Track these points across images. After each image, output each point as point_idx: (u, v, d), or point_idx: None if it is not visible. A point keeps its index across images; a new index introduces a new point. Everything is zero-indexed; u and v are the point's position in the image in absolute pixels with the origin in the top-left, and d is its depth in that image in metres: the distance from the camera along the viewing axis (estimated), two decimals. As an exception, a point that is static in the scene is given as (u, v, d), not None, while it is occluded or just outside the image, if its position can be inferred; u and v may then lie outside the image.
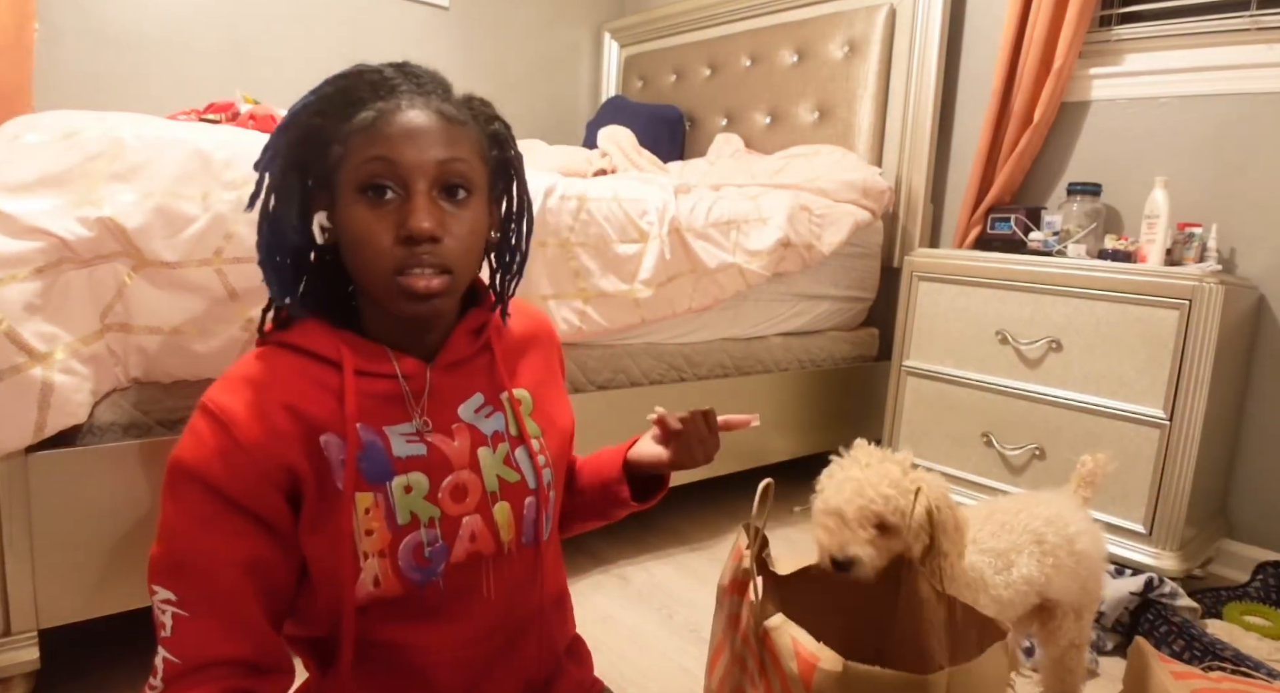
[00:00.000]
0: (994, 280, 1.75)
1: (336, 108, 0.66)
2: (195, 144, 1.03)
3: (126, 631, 1.23)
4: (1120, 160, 1.95)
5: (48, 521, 0.97)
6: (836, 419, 2.18)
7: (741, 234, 1.79)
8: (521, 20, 2.98)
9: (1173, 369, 1.50)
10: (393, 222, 0.64)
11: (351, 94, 0.66)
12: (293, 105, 0.67)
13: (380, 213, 0.64)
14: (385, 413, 0.69)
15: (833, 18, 2.40)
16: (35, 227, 0.89)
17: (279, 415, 0.64)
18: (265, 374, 0.66)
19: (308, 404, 0.66)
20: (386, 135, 0.64)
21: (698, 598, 1.46)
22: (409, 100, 0.65)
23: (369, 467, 0.66)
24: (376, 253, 0.64)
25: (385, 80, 0.66)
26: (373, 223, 0.64)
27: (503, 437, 0.75)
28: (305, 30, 2.47)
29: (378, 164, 0.64)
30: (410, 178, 0.64)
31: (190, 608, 0.62)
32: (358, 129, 0.64)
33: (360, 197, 0.64)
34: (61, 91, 2.05)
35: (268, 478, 0.63)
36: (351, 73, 0.67)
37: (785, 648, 0.66)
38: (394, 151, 0.63)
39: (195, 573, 0.62)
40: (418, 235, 0.63)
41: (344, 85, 0.66)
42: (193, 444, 0.63)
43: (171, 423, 1.07)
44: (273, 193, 0.68)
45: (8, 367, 0.88)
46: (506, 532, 0.73)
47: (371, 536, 0.66)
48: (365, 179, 0.64)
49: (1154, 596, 1.38)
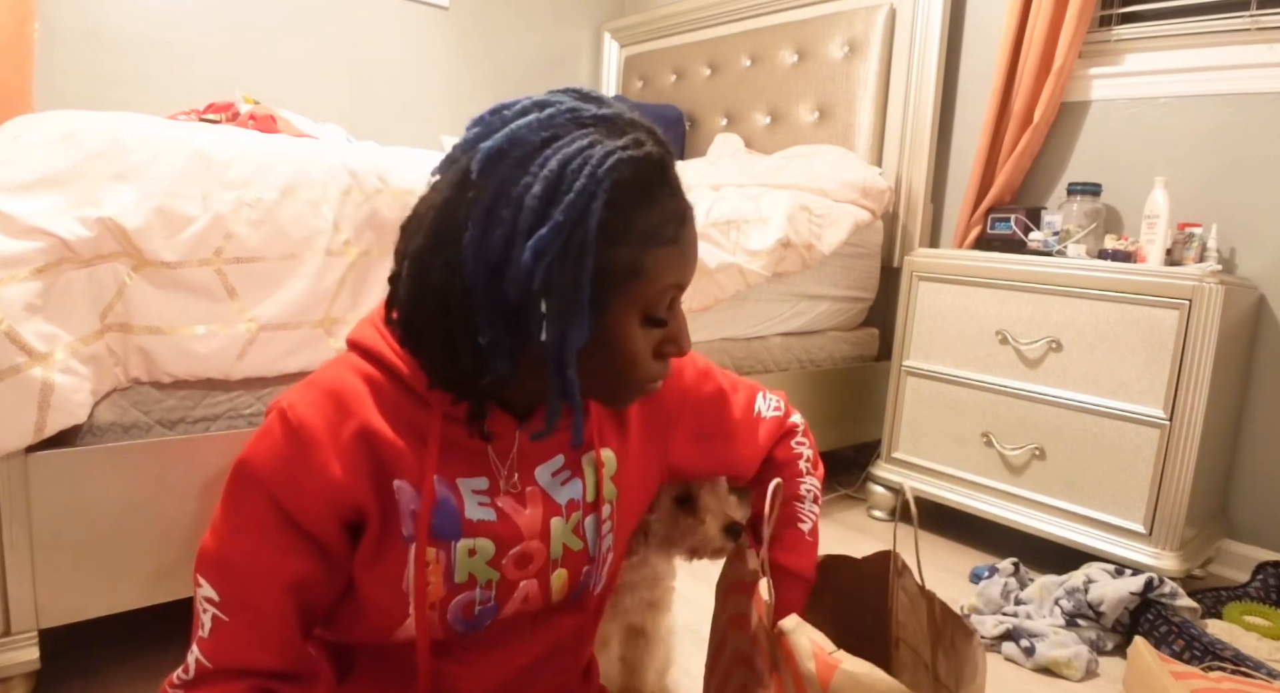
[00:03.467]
0: (994, 280, 1.75)
1: (632, 200, 0.57)
2: (195, 144, 1.03)
3: (126, 631, 1.23)
4: (1120, 160, 1.95)
5: (48, 521, 0.97)
6: (836, 419, 2.18)
7: (741, 234, 1.78)
8: (521, 20, 2.98)
9: (1173, 369, 1.50)
10: (657, 338, 0.63)
11: (645, 185, 0.58)
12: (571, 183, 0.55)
13: (650, 333, 0.63)
14: (463, 465, 0.66)
15: (833, 18, 2.40)
16: (35, 227, 0.89)
17: (358, 448, 0.62)
18: (354, 395, 0.62)
19: (389, 442, 0.62)
20: (686, 259, 0.62)
21: (698, 598, 1.46)
22: (685, 205, 0.62)
23: (439, 523, 0.64)
24: (637, 366, 0.62)
25: (665, 170, 0.60)
26: (642, 341, 0.62)
27: (577, 505, 0.72)
28: (305, 30, 2.47)
29: (673, 291, 0.62)
30: (679, 299, 0.64)
31: (230, 612, 0.61)
32: (657, 240, 0.59)
33: (640, 316, 0.61)
34: (61, 91, 2.05)
35: (333, 509, 0.62)
36: (642, 155, 0.57)
37: (803, 649, 0.66)
38: (685, 278, 0.62)
39: (242, 577, 0.61)
40: (685, 353, 0.65)
41: (637, 169, 0.57)
42: (267, 453, 0.61)
43: (171, 423, 1.07)
44: (570, 298, 0.56)
45: (8, 367, 0.88)
46: (559, 594, 0.73)
47: (427, 587, 0.65)
48: (657, 306, 0.61)
49: (1154, 596, 1.38)
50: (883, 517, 2.00)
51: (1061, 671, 1.30)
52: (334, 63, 2.52)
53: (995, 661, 1.35)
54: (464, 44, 2.83)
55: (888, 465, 1.98)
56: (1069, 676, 1.30)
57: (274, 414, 0.62)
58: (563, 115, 0.58)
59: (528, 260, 0.54)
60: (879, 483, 2.00)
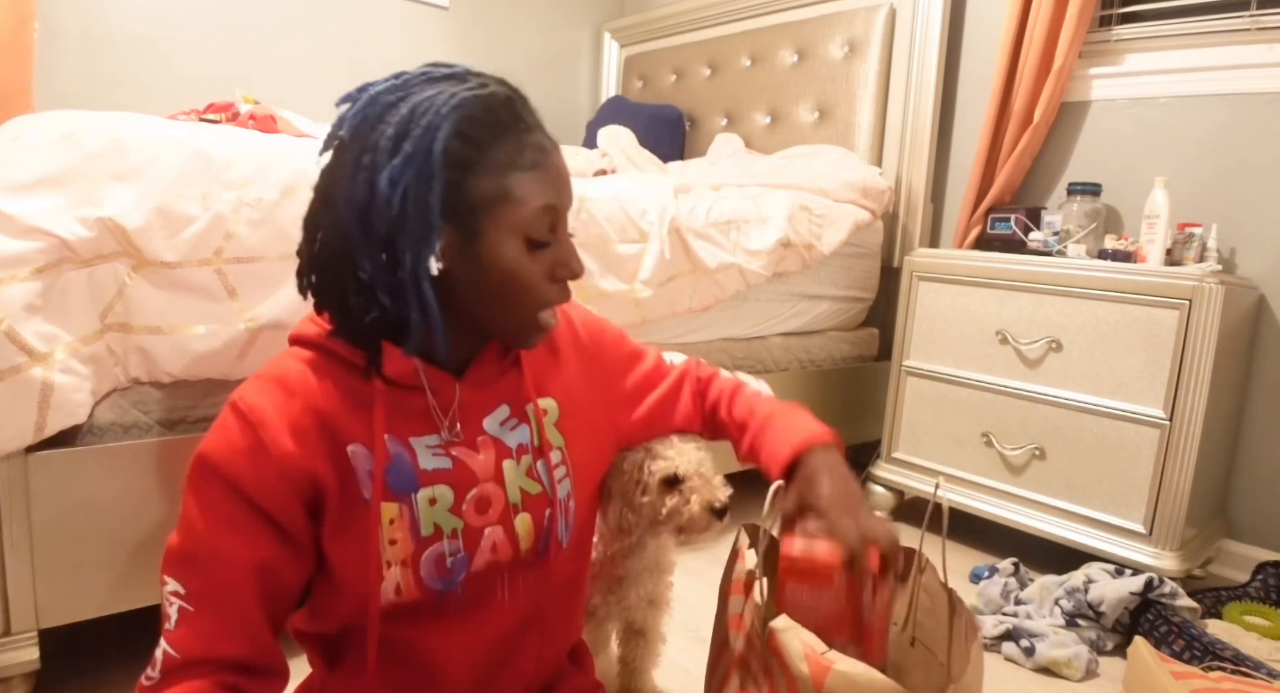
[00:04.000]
0: (994, 280, 1.75)
1: (484, 134, 0.63)
2: (195, 144, 1.03)
3: (126, 631, 1.23)
4: (1120, 160, 1.95)
5: (48, 521, 0.97)
6: (836, 419, 2.17)
7: (741, 234, 1.78)
8: (521, 20, 2.98)
9: (1173, 369, 1.50)
10: (548, 262, 0.67)
11: (495, 119, 0.64)
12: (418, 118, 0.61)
13: (537, 256, 0.66)
14: (412, 425, 0.69)
15: (833, 18, 2.40)
16: (35, 227, 0.89)
17: (308, 422, 0.64)
18: (297, 378, 0.66)
19: (337, 413, 0.66)
20: (552, 181, 0.66)
21: (698, 598, 1.46)
22: (546, 137, 0.67)
23: (395, 479, 0.67)
24: (529, 290, 0.66)
25: (516, 109, 0.66)
26: (531, 264, 0.66)
27: (526, 449, 0.74)
28: (305, 30, 2.47)
29: (548, 212, 0.66)
30: (559, 222, 0.68)
31: (195, 603, 0.62)
32: (517, 167, 0.64)
33: (521, 241, 0.65)
34: (61, 91, 2.05)
35: (291, 485, 0.63)
36: (486, 93, 0.64)
37: (794, 650, 0.65)
38: (558, 199, 0.67)
39: (205, 569, 0.63)
40: (577, 275, 0.68)
41: (485, 105, 0.63)
42: (221, 442, 0.63)
43: (171, 423, 1.07)
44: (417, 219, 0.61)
45: (8, 367, 0.88)
46: (526, 542, 0.73)
47: (395, 545, 0.66)
48: (534, 227, 0.65)
49: (1154, 596, 1.38)
50: (883, 517, 1.99)
51: (1061, 671, 1.30)
52: (334, 63, 2.52)
53: (995, 661, 1.35)
54: (464, 44, 2.83)
55: (888, 466, 1.98)
56: (1069, 676, 1.30)
57: (226, 408, 0.65)
58: (415, 77, 0.65)
59: (384, 189, 0.61)
60: (879, 483, 2.00)
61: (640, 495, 0.89)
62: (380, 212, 0.61)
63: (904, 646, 0.85)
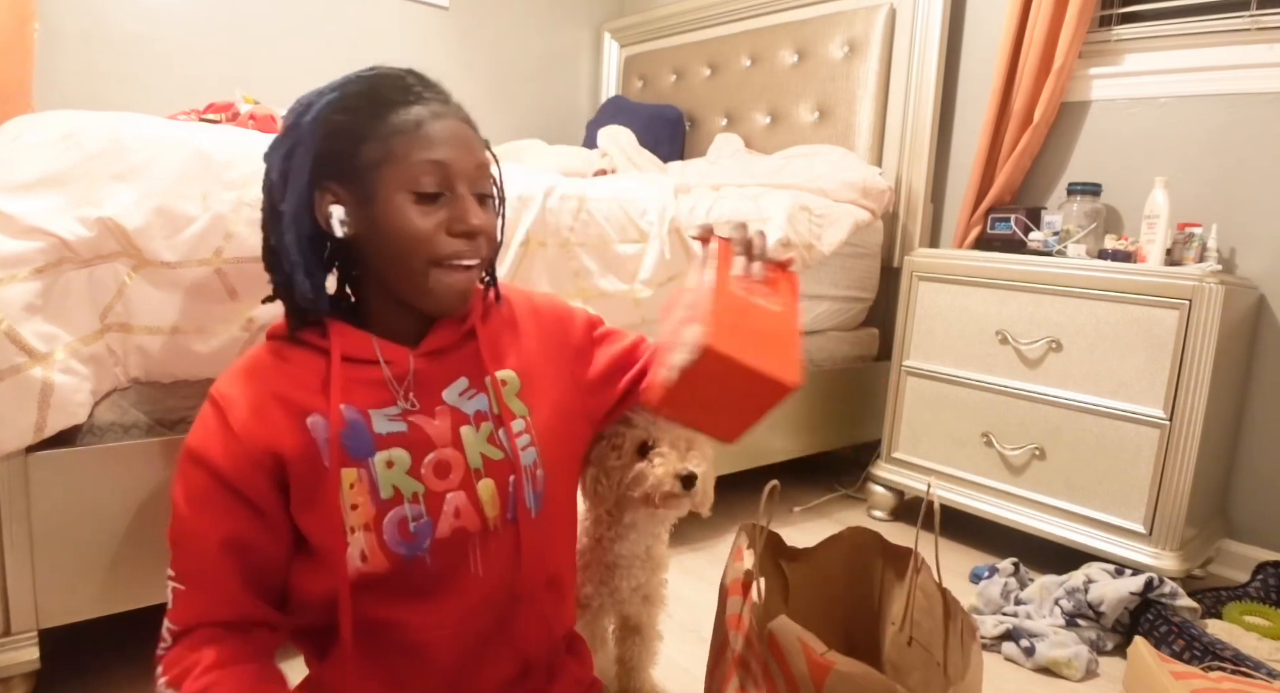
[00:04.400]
0: (994, 280, 1.75)
1: (366, 106, 0.70)
2: (195, 144, 1.03)
3: (126, 631, 1.23)
4: (1120, 160, 1.95)
5: (48, 521, 0.97)
6: (836, 419, 2.18)
7: (741, 234, 1.78)
8: (521, 20, 2.98)
9: (1173, 369, 1.50)
10: (441, 219, 0.70)
11: (379, 94, 0.70)
12: (307, 99, 0.71)
13: (429, 210, 0.70)
14: (370, 396, 0.73)
15: (833, 18, 2.40)
16: (35, 226, 0.89)
17: (269, 402, 0.70)
18: (262, 365, 0.72)
19: (297, 390, 0.71)
20: (436, 140, 0.69)
21: (697, 598, 1.46)
22: (441, 107, 0.71)
23: (352, 443, 0.70)
24: (420, 245, 0.69)
25: (409, 85, 0.71)
26: (420, 219, 0.69)
27: (485, 416, 0.77)
28: (305, 30, 2.47)
29: (431, 167, 0.69)
30: (455, 180, 0.70)
31: (184, 582, 0.70)
32: (400, 131, 0.69)
33: (409, 196, 0.69)
34: (62, 91, 2.05)
35: (256, 463, 0.68)
36: (373, 74, 0.72)
37: (793, 650, 0.65)
38: (445, 155, 0.69)
39: (187, 548, 0.70)
40: (474, 231, 0.71)
41: (370, 84, 0.71)
42: (198, 430, 0.70)
43: (172, 423, 1.07)
44: (294, 185, 0.70)
45: (8, 367, 0.88)
46: (491, 508, 0.74)
47: (357, 510, 0.69)
48: (417, 179, 0.69)
49: (1154, 596, 1.38)
50: (883, 517, 2.00)
51: (1061, 671, 1.30)
52: (334, 63, 2.50)
53: (995, 661, 1.35)
54: (464, 44, 2.83)
55: (888, 466, 1.98)
56: (1069, 676, 1.30)
57: (207, 401, 0.72)
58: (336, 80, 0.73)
59: (268, 156, 0.72)
60: (879, 483, 2.00)
61: (614, 460, 0.91)
62: (268, 186, 0.72)
63: (902, 645, 0.85)
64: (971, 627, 0.73)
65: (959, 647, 0.75)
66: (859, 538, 0.94)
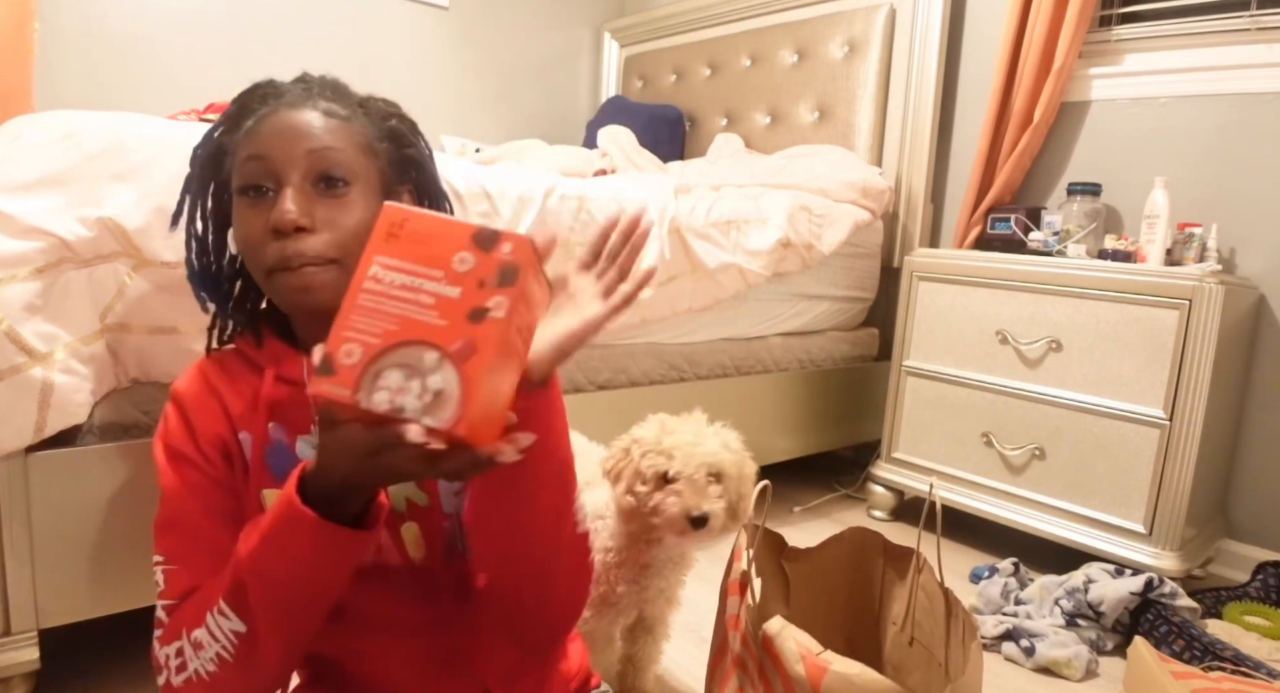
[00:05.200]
0: (994, 280, 1.75)
1: (232, 121, 0.69)
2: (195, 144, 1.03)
3: (126, 630, 1.23)
4: (1120, 160, 1.95)
5: (48, 520, 0.97)
6: (836, 419, 2.18)
7: (741, 234, 1.78)
8: (521, 20, 2.98)
9: (1173, 369, 1.50)
10: (266, 217, 0.64)
11: (246, 107, 0.68)
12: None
13: (257, 211, 0.65)
14: (298, 419, 0.70)
15: (833, 18, 2.40)
16: (35, 227, 0.89)
17: (216, 408, 0.70)
18: (212, 368, 0.72)
19: (236, 403, 0.70)
20: (260, 135, 0.65)
21: (698, 598, 1.46)
22: (290, 102, 0.67)
23: (275, 463, 0.69)
24: (254, 251, 0.65)
25: (276, 89, 0.69)
26: (250, 222, 0.65)
27: None
28: (305, 30, 2.47)
29: (252, 163, 0.65)
30: (281, 172, 0.64)
31: (177, 561, 0.68)
32: (241, 136, 0.67)
33: (242, 198, 0.66)
34: (62, 91, 2.05)
35: (212, 445, 0.69)
36: (251, 87, 0.70)
37: (790, 652, 0.65)
38: (265, 148, 0.65)
39: (176, 527, 0.69)
40: (282, 226, 0.63)
41: (241, 100, 0.69)
42: (163, 425, 0.71)
43: (171, 423, 1.07)
44: (193, 211, 0.71)
45: (8, 367, 0.88)
46: (416, 550, 0.70)
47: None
48: (242, 180, 0.66)
49: (1154, 596, 1.38)
50: (883, 517, 2.00)
51: (1061, 671, 1.30)
52: (334, 63, 2.51)
53: (995, 661, 1.35)
54: (464, 44, 2.83)
55: (888, 466, 1.98)
56: (1069, 676, 1.30)
57: (169, 398, 0.71)
58: None
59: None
60: (879, 483, 2.00)
61: (639, 484, 0.91)
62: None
63: (903, 645, 0.85)
64: (972, 627, 0.73)
65: (959, 647, 0.75)
66: (860, 538, 0.94)
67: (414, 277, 0.47)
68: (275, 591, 0.59)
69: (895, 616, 0.89)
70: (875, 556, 0.93)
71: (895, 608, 0.89)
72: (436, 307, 0.47)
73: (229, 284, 0.75)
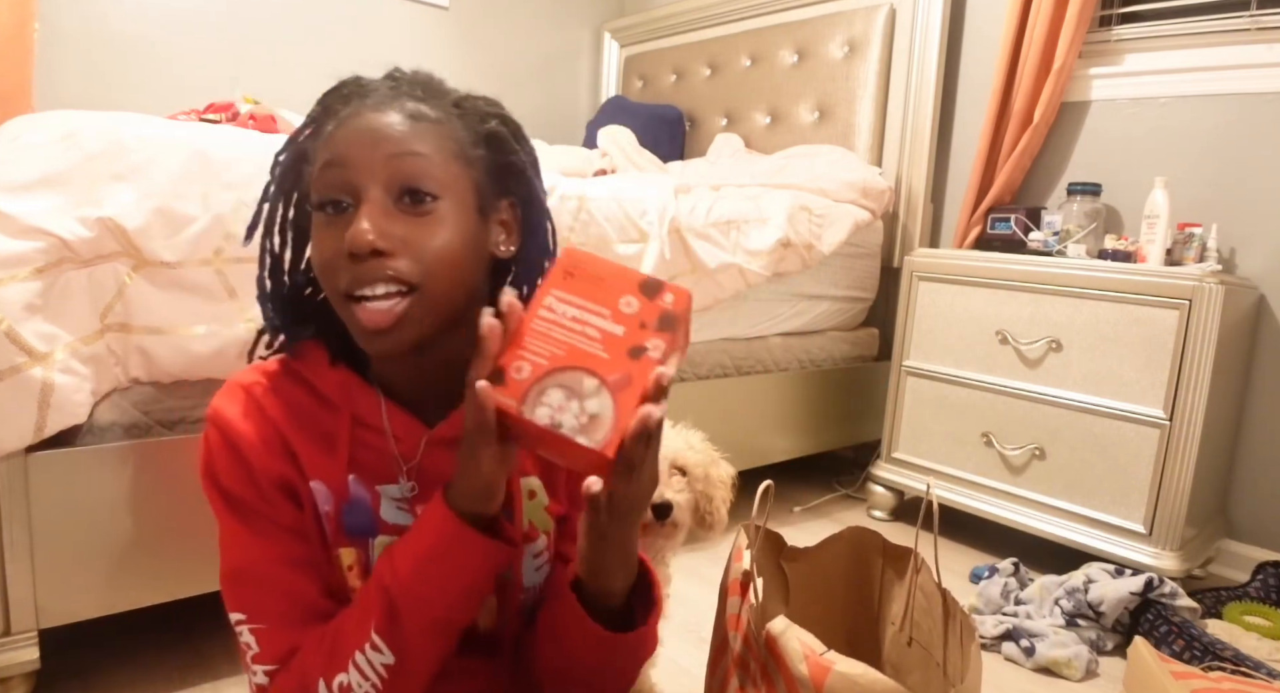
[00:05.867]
0: (994, 280, 1.75)
1: (315, 125, 0.62)
2: (195, 144, 1.03)
3: (126, 631, 1.23)
4: (1120, 160, 1.95)
5: (48, 521, 0.97)
6: (836, 419, 2.18)
7: (741, 234, 1.79)
8: (521, 20, 2.98)
9: (1172, 369, 1.50)
10: (343, 235, 0.57)
11: (329, 108, 0.62)
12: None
13: (335, 228, 0.57)
14: (377, 467, 0.64)
15: (833, 18, 2.40)
16: (35, 227, 0.89)
17: (275, 441, 0.62)
18: (266, 391, 0.64)
19: (303, 443, 0.63)
20: (338, 139, 0.58)
21: (698, 598, 1.46)
22: (374, 102, 0.59)
23: (352, 520, 0.63)
24: (330, 273, 0.58)
25: (361, 87, 0.62)
26: (325, 240, 0.58)
27: None
28: (305, 30, 2.47)
29: (328, 171, 0.58)
30: (359, 182, 0.57)
31: (263, 619, 0.61)
32: (321, 141, 0.60)
33: (319, 215, 0.59)
34: (62, 91, 2.05)
35: (275, 487, 0.62)
36: (334, 86, 0.63)
37: (794, 651, 0.65)
38: (341, 154, 0.57)
39: (251, 579, 0.61)
40: (356, 248, 0.55)
41: (324, 100, 0.63)
42: (205, 456, 0.63)
43: (172, 423, 1.07)
44: (271, 220, 0.65)
45: (8, 367, 0.88)
46: (486, 620, 0.68)
47: (353, 592, 0.64)
48: (319, 193, 0.59)
49: (1154, 596, 1.38)
50: (883, 517, 2.00)
51: (1061, 671, 1.30)
52: (334, 63, 2.51)
53: (995, 661, 1.35)
54: (464, 44, 2.83)
55: (888, 466, 1.98)
56: (1069, 676, 1.30)
57: (208, 423, 0.63)
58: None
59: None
60: (879, 483, 2.00)
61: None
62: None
63: (902, 646, 0.85)
64: (970, 627, 0.73)
65: (958, 647, 0.75)
66: (859, 538, 0.94)
67: (584, 311, 0.54)
68: (437, 610, 0.58)
69: (894, 616, 0.89)
70: (874, 555, 0.93)
71: (894, 608, 0.89)
72: (601, 340, 0.53)
73: (303, 307, 0.67)
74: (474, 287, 0.64)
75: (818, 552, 0.95)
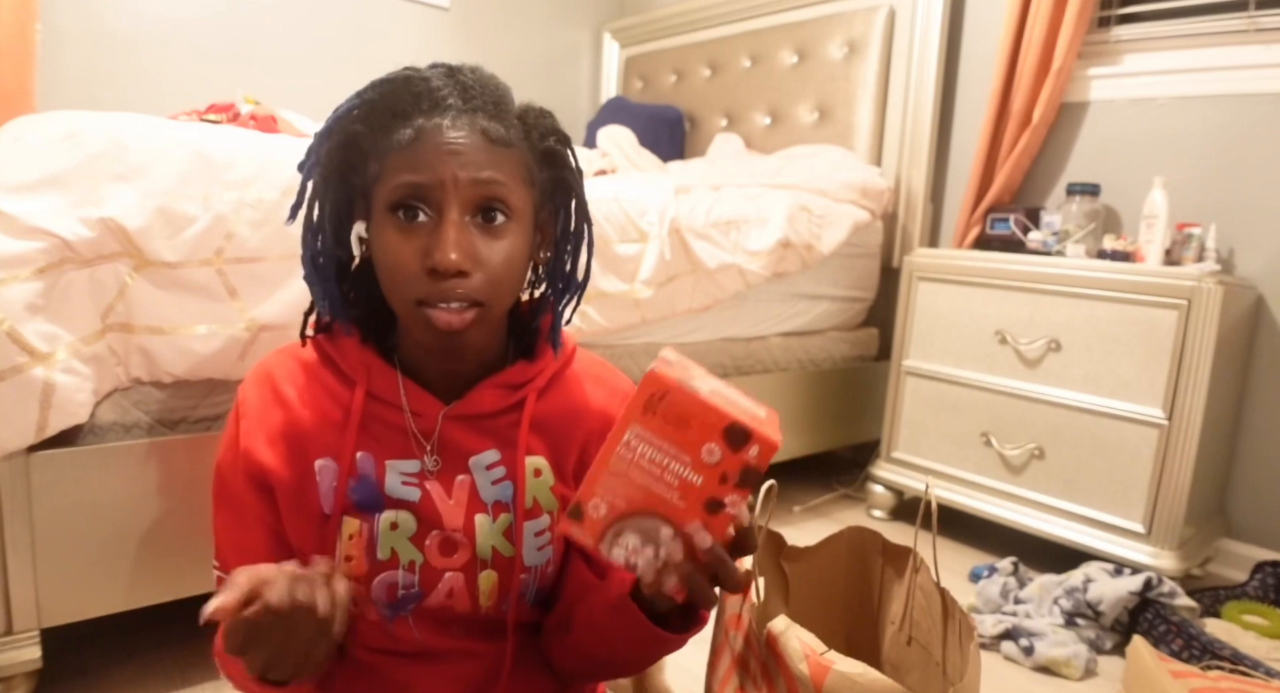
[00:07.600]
0: (993, 280, 1.76)
1: (379, 117, 0.63)
2: (196, 144, 1.03)
3: (128, 630, 1.23)
4: (1119, 160, 1.95)
5: (49, 520, 0.97)
6: (836, 419, 2.18)
7: (741, 234, 1.79)
8: (521, 20, 2.98)
9: (1171, 369, 1.50)
10: (421, 247, 0.60)
11: (395, 104, 0.62)
12: (336, 108, 0.65)
13: (409, 236, 0.61)
14: (389, 444, 0.67)
15: (833, 18, 2.40)
16: (37, 227, 0.90)
17: (279, 426, 0.66)
18: (287, 372, 0.68)
19: (314, 423, 0.66)
20: (421, 157, 0.60)
21: (697, 598, 1.46)
22: (452, 118, 0.61)
23: (359, 495, 0.66)
24: (403, 279, 0.61)
25: (432, 91, 0.62)
26: (401, 246, 0.61)
27: (506, 507, 0.69)
28: (305, 30, 2.47)
29: (409, 188, 0.60)
30: (442, 202, 0.60)
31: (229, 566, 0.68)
32: (396, 147, 0.61)
33: (391, 217, 0.62)
34: (63, 92, 2.05)
35: (248, 476, 0.66)
36: (398, 79, 0.63)
37: (794, 651, 0.66)
38: (427, 174, 0.60)
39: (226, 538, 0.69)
40: (444, 269, 0.59)
41: (389, 92, 0.63)
42: (224, 441, 0.68)
43: (173, 423, 1.07)
44: (314, 200, 0.66)
45: (9, 367, 0.88)
46: (487, 599, 0.69)
47: (350, 562, 0.65)
48: (397, 200, 0.61)
49: (1153, 595, 1.38)
50: (882, 516, 2.00)
51: (1061, 670, 1.31)
52: (334, 63, 2.52)
53: (995, 660, 1.36)
54: (464, 44, 2.83)
55: (887, 465, 1.98)
56: (1068, 675, 1.30)
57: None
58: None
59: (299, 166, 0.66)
60: (878, 483, 2.00)
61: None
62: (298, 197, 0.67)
63: (901, 645, 0.86)
64: (970, 626, 0.73)
65: (958, 646, 0.75)
66: (859, 537, 0.94)
67: (664, 455, 0.53)
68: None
69: (893, 615, 0.89)
70: (874, 555, 0.93)
71: (893, 607, 0.90)
72: (679, 488, 0.53)
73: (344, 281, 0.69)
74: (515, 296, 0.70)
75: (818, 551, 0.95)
